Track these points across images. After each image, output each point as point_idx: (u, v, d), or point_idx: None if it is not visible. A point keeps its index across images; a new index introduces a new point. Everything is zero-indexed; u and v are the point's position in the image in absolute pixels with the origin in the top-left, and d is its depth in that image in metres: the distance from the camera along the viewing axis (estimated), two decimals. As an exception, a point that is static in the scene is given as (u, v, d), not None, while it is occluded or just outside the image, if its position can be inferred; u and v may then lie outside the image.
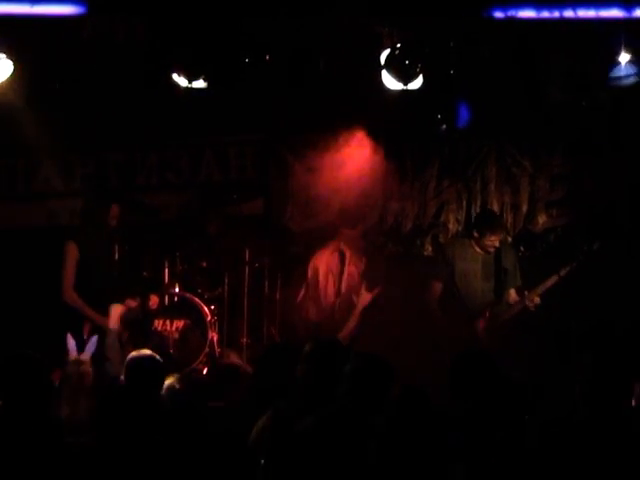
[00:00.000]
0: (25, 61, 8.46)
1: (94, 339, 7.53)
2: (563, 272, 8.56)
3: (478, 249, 8.82)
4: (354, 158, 9.58)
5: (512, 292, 8.91)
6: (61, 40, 8.47)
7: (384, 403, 5.00)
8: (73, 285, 8.40)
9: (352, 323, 9.33)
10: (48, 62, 8.60)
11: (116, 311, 8.44)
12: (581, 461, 4.80)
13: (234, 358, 9.22)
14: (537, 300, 8.63)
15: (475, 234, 8.84)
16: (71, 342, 7.42)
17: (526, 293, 8.71)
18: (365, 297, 9.37)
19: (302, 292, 9.52)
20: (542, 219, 9.87)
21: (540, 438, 4.90)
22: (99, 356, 7.77)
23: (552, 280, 8.60)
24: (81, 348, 7.42)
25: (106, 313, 8.47)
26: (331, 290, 9.47)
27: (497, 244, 8.78)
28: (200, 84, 8.57)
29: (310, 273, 9.50)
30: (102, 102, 9.23)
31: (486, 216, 9.29)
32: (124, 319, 8.54)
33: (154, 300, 8.93)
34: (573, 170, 9.75)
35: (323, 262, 9.49)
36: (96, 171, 9.93)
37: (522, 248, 9.71)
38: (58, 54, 8.56)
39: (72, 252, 8.41)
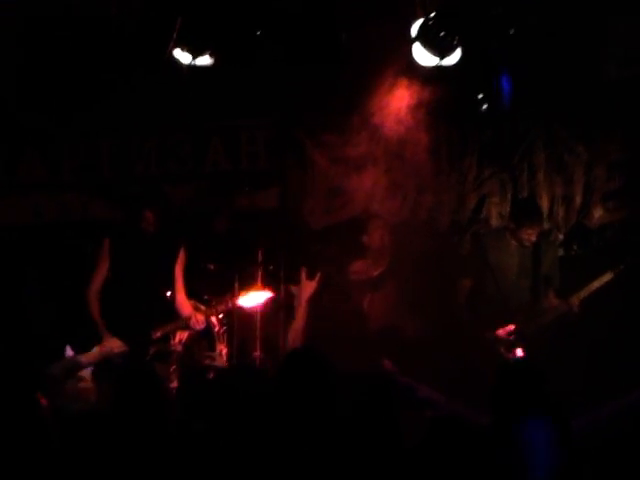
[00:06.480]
0: (14, 39, 8.48)
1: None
2: (613, 274, 8.30)
3: (513, 241, 8.52)
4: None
5: (551, 295, 8.52)
6: (51, 17, 8.46)
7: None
8: (99, 291, 8.11)
9: None
10: (38, 39, 8.56)
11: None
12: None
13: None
14: (577, 303, 8.36)
15: (512, 225, 8.56)
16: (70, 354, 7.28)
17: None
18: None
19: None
20: (598, 213, 9.39)
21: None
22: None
23: (599, 282, 8.31)
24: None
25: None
26: None
27: (533, 238, 8.42)
28: (205, 60, 8.39)
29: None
30: (95, 82, 9.02)
31: (526, 206, 8.94)
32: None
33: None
34: (633, 156, 9.23)
35: None
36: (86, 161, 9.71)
37: (575, 246, 9.31)
38: (48, 31, 8.55)
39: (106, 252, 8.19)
